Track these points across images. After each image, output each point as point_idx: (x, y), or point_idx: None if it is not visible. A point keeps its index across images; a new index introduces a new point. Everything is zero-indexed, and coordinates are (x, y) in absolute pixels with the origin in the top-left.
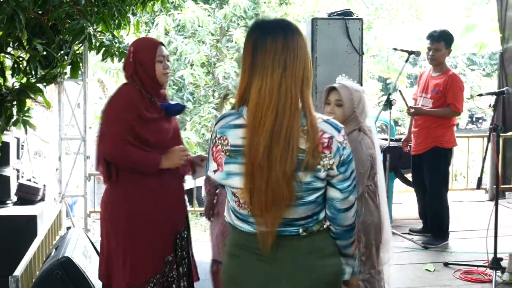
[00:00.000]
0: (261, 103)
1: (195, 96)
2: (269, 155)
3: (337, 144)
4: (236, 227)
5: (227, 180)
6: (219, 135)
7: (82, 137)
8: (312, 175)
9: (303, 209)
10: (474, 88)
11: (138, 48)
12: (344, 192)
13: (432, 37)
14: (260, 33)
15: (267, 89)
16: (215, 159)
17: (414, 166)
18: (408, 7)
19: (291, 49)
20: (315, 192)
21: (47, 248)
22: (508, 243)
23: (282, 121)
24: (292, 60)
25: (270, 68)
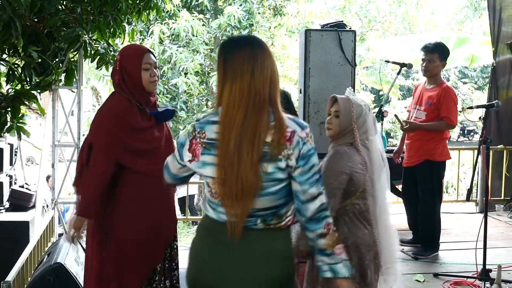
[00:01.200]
0: (232, 102)
1: (189, 105)
2: (239, 148)
3: (298, 139)
4: (207, 214)
5: (201, 169)
6: (198, 129)
7: (75, 144)
8: (274, 166)
9: (263, 200)
10: (466, 101)
11: (124, 55)
12: (303, 184)
13: (426, 49)
14: (230, 47)
15: (237, 90)
16: (192, 150)
17: (405, 178)
18: (401, 20)
19: (257, 58)
20: (277, 183)
21: (39, 254)
22: (497, 254)
23: (251, 117)
24: (259, 66)
25: (239, 73)
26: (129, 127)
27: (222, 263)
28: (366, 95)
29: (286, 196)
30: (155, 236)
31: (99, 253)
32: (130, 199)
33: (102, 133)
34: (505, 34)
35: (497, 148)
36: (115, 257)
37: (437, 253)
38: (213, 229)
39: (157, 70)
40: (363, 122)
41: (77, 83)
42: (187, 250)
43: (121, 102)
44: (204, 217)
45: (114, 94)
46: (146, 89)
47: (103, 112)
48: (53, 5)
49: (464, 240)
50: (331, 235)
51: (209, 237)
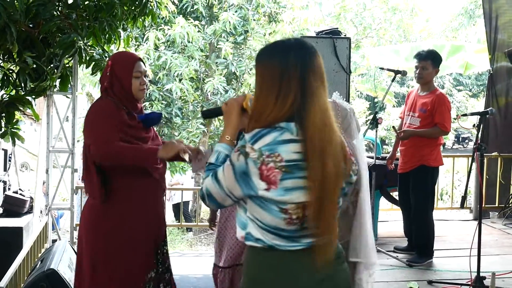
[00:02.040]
0: (321, 122)
1: (184, 111)
2: (336, 168)
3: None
4: (279, 248)
5: (284, 196)
6: (267, 152)
7: (70, 150)
8: (346, 181)
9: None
10: (461, 108)
11: (116, 62)
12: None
13: (419, 56)
14: (307, 53)
15: (322, 108)
16: (266, 178)
17: (400, 185)
18: (396, 28)
19: (323, 68)
20: (344, 198)
21: (33, 260)
22: (492, 262)
23: (335, 137)
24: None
25: (315, 87)
26: (120, 122)
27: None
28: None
29: None
30: (146, 242)
31: (92, 259)
32: (120, 203)
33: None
34: (501, 42)
35: (492, 155)
36: (108, 263)
37: (431, 260)
38: (295, 260)
39: (146, 78)
40: (347, 125)
41: (72, 89)
42: (181, 257)
43: (109, 104)
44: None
45: (100, 99)
46: (135, 97)
47: (93, 113)
48: (48, 11)
49: (459, 247)
50: None
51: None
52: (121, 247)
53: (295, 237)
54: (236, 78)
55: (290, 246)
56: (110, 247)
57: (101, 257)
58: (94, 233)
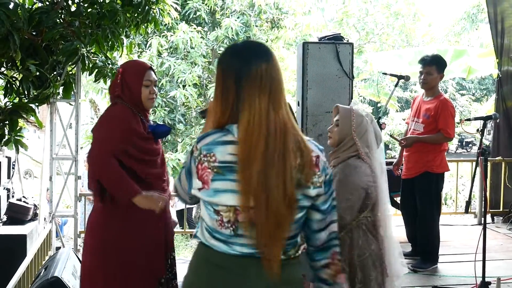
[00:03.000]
0: (251, 130)
1: (187, 117)
2: (265, 177)
3: (323, 164)
4: (210, 246)
5: (213, 198)
6: (204, 152)
7: (73, 157)
8: (301, 193)
9: (292, 228)
10: (464, 113)
11: (127, 70)
12: (325, 213)
13: (424, 61)
14: (243, 63)
15: (256, 117)
16: (200, 177)
17: (404, 190)
18: (399, 32)
19: (274, 76)
20: (301, 211)
21: (37, 268)
22: (496, 267)
23: (274, 143)
24: (276, 86)
25: (257, 96)
26: (132, 132)
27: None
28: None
29: (302, 224)
30: (156, 247)
31: (102, 269)
32: (128, 212)
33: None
34: (507, 46)
35: (495, 160)
36: (118, 272)
37: (436, 266)
38: (224, 264)
39: (156, 88)
40: (363, 132)
41: (75, 96)
42: (186, 264)
43: (125, 109)
44: (206, 252)
45: (116, 104)
46: (144, 105)
47: (107, 117)
48: (51, 18)
49: (463, 252)
50: (335, 264)
51: (218, 272)
52: (132, 254)
53: (230, 242)
54: None
55: (222, 249)
56: (121, 256)
57: (112, 267)
58: (102, 242)
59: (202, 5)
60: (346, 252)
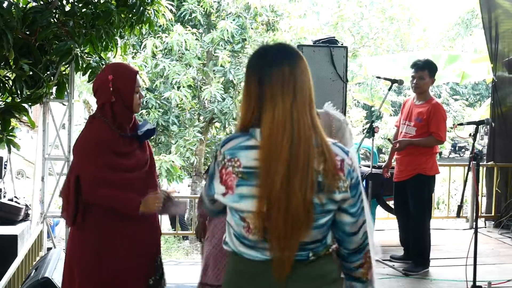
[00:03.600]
0: (275, 131)
1: (181, 119)
2: (288, 182)
3: (348, 168)
4: (242, 255)
5: (239, 203)
6: (228, 156)
7: (66, 157)
8: (327, 198)
9: (315, 232)
10: (457, 118)
11: (117, 75)
12: (355, 216)
13: (416, 66)
14: (265, 64)
15: (280, 118)
16: (224, 182)
17: (396, 193)
18: (393, 37)
19: (297, 77)
20: (327, 214)
21: (27, 269)
22: (488, 271)
23: (298, 147)
24: (300, 87)
25: (280, 97)
26: (112, 153)
27: None
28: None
29: (330, 225)
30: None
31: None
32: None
33: (86, 162)
34: (501, 51)
35: (488, 164)
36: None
37: (428, 270)
38: (252, 272)
39: (143, 91)
40: (341, 136)
41: (68, 96)
42: (177, 265)
43: (102, 129)
44: (237, 260)
45: (93, 120)
46: (134, 111)
47: (84, 140)
48: (45, 18)
49: (455, 256)
50: (368, 262)
51: (251, 280)
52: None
53: (258, 247)
54: (233, 86)
55: (252, 256)
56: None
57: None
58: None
59: (198, 7)
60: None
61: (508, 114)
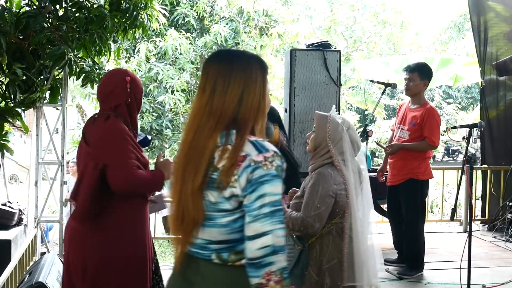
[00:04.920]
0: (188, 121)
1: (174, 123)
2: (183, 171)
3: (248, 163)
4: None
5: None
6: None
7: (59, 162)
8: (220, 195)
9: (214, 231)
10: (450, 121)
11: (134, 82)
12: (249, 215)
13: (407, 68)
14: (209, 60)
15: (194, 108)
16: None
17: (389, 197)
18: (386, 41)
19: (226, 73)
20: (227, 215)
21: (21, 273)
22: (482, 274)
23: (199, 138)
24: (227, 83)
25: (201, 88)
26: (135, 146)
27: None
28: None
29: (241, 230)
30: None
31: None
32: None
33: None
34: (489, 55)
35: (481, 168)
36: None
37: (422, 273)
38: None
39: None
40: (338, 139)
41: (62, 101)
42: (171, 270)
43: (119, 123)
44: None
45: (108, 118)
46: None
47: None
48: (38, 22)
49: (449, 260)
50: (270, 287)
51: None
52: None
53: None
54: None
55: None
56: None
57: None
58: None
59: (191, 11)
60: (316, 258)
61: (498, 117)
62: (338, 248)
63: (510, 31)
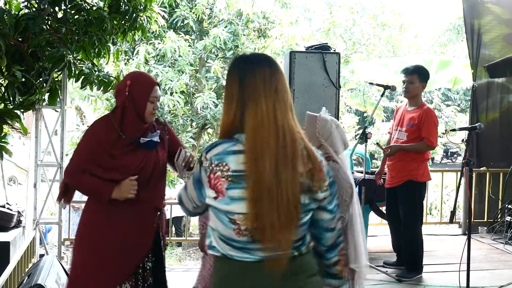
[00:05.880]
0: (260, 128)
1: (173, 125)
2: (277, 179)
3: (326, 168)
4: (232, 258)
5: (230, 206)
6: (216, 161)
7: (58, 164)
8: (310, 197)
9: (299, 230)
10: (449, 123)
11: (135, 82)
12: (333, 212)
13: (406, 71)
14: (246, 64)
15: (264, 114)
16: (214, 186)
17: (388, 199)
18: (385, 43)
19: (279, 76)
20: (309, 213)
21: (20, 275)
22: (481, 277)
23: (285, 144)
24: (281, 89)
25: (262, 94)
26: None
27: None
28: (351, 117)
29: (310, 225)
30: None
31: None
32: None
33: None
34: (482, 57)
35: (480, 170)
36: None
37: (421, 275)
38: (247, 272)
39: (158, 103)
40: (328, 135)
41: (61, 103)
42: (170, 272)
43: (103, 124)
44: (227, 263)
45: (102, 118)
46: (146, 120)
47: (85, 134)
48: (37, 25)
49: (448, 262)
50: (343, 260)
51: (243, 281)
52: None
53: (248, 248)
54: None
55: (242, 258)
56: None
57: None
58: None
59: (190, 13)
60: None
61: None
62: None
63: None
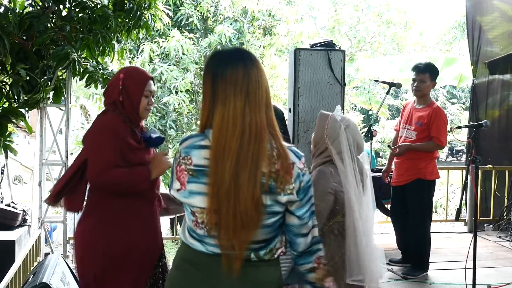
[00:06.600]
0: (225, 130)
1: (178, 123)
2: (236, 179)
3: (298, 171)
4: (189, 245)
5: (188, 199)
6: (183, 154)
7: (63, 162)
8: (273, 199)
9: (262, 232)
10: (455, 121)
11: (128, 77)
12: (302, 218)
13: (417, 69)
14: (219, 65)
15: (230, 116)
16: (179, 178)
17: (394, 197)
18: (390, 41)
19: (252, 77)
20: (273, 216)
21: (25, 274)
22: (487, 275)
23: (248, 146)
24: (254, 88)
25: (232, 96)
26: (122, 143)
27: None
28: (356, 114)
29: (278, 228)
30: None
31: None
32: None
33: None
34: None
35: (486, 167)
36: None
37: (427, 273)
38: (199, 262)
39: (153, 98)
40: (335, 137)
41: (66, 101)
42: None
43: (115, 120)
44: (185, 249)
45: (106, 112)
46: (140, 115)
47: (99, 127)
48: (42, 23)
49: (454, 260)
50: (321, 269)
51: (194, 270)
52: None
53: (204, 242)
54: None
55: (199, 249)
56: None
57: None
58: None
59: (194, 11)
60: None
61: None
62: (340, 247)
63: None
